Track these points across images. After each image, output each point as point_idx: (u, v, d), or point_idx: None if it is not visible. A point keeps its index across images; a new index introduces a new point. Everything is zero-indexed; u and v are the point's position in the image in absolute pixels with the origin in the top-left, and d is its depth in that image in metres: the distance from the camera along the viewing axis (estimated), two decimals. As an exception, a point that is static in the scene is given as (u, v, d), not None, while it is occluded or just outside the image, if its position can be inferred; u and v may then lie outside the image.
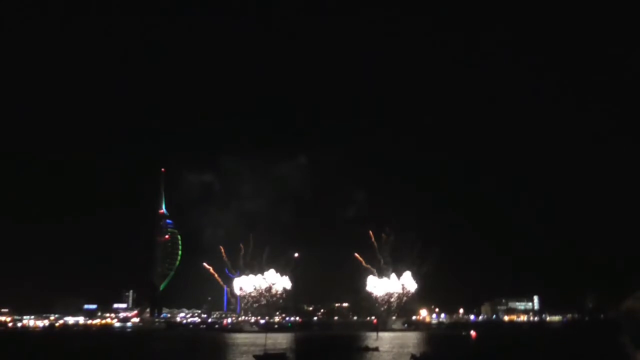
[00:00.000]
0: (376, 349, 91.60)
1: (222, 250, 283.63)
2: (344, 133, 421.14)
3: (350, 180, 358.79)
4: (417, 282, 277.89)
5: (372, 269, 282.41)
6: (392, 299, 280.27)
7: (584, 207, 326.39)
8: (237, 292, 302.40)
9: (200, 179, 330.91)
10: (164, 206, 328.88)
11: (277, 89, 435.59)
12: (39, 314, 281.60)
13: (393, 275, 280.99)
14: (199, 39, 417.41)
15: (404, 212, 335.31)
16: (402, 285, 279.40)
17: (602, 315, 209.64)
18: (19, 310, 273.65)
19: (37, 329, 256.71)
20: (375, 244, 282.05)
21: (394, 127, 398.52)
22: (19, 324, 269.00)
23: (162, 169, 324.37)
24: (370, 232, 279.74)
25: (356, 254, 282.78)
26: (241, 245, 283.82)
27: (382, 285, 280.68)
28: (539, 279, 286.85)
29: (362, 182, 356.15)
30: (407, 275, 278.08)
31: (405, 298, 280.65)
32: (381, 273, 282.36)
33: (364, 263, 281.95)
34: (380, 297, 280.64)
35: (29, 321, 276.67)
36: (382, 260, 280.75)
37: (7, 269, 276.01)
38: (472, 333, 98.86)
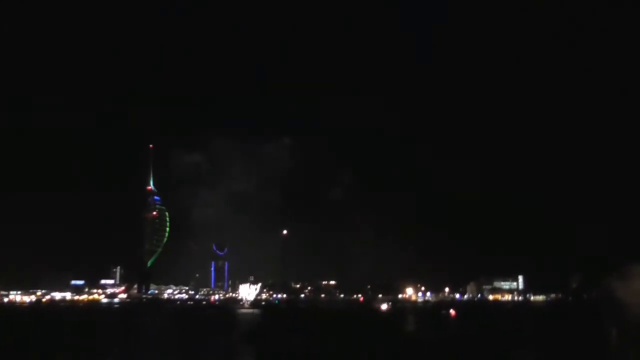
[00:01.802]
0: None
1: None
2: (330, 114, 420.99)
3: (336, 161, 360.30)
4: (402, 260, 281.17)
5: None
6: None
7: (574, 189, 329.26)
8: (226, 269, 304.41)
9: (189, 157, 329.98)
10: (151, 183, 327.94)
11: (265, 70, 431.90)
12: (26, 289, 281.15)
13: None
14: (188, 20, 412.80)
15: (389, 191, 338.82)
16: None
17: (585, 296, 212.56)
18: (5, 285, 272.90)
19: (24, 304, 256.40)
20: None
21: (381, 106, 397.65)
22: (5, 299, 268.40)
23: (150, 146, 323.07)
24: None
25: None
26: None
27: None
28: (524, 259, 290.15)
29: (347, 162, 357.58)
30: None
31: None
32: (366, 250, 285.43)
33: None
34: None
35: (16, 296, 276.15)
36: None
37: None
38: (452, 312, 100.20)
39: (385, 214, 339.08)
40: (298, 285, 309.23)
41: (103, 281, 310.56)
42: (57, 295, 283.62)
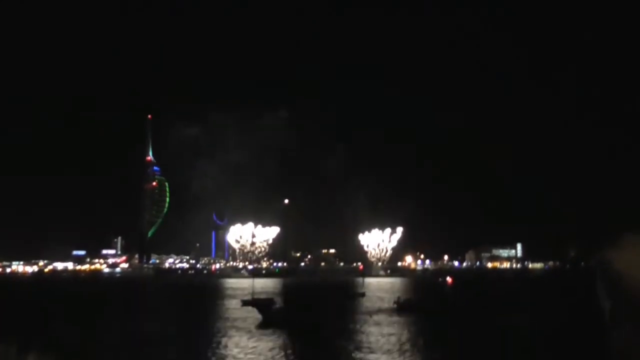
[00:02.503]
0: (362, 295, 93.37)
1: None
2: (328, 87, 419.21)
3: (335, 133, 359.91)
4: (401, 230, 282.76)
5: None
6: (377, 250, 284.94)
7: (574, 161, 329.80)
8: (227, 239, 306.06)
9: (188, 128, 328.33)
10: (151, 153, 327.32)
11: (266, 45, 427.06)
12: (28, 260, 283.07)
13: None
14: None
15: (389, 164, 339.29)
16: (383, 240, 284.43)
17: (582, 264, 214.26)
18: (8, 256, 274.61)
19: (26, 274, 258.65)
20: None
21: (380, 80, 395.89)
22: (8, 270, 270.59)
23: (149, 116, 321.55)
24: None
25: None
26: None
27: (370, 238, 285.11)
28: (523, 227, 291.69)
29: (346, 135, 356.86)
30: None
31: (389, 246, 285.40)
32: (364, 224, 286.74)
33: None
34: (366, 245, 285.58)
35: (18, 267, 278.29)
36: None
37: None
38: (448, 280, 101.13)
39: (385, 182, 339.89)
40: (298, 254, 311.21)
41: (104, 251, 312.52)
42: (59, 266, 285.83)
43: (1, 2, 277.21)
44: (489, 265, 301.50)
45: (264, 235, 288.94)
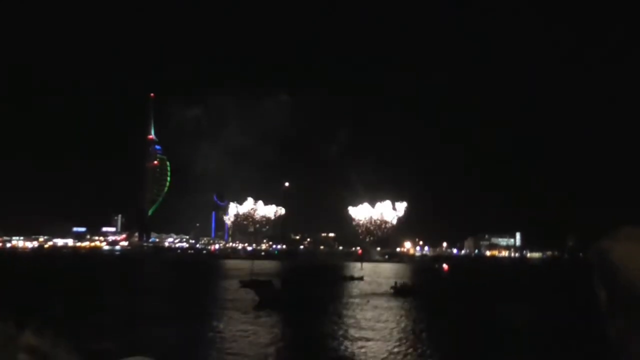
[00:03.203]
0: (361, 279, 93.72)
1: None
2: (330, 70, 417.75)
3: (335, 117, 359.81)
4: (403, 213, 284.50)
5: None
6: (373, 227, 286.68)
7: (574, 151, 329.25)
8: (226, 219, 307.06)
9: (190, 108, 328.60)
10: (152, 132, 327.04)
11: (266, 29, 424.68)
12: (28, 235, 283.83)
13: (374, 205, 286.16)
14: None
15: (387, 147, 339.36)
16: (381, 213, 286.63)
17: (581, 254, 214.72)
18: (8, 231, 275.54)
19: (26, 250, 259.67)
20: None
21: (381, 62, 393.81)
22: (8, 245, 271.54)
23: (151, 94, 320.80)
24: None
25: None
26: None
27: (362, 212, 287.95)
28: (522, 215, 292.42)
29: (345, 118, 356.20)
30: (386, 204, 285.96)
31: (386, 228, 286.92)
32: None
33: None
34: (362, 223, 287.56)
35: (18, 242, 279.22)
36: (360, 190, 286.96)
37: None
38: (445, 266, 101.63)
39: (385, 167, 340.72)
40: (297, 237, 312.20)
41: (104, 229, 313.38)
42: (59, 242, 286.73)
43: None
44: (488, 253, 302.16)
45: (265, 211, 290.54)
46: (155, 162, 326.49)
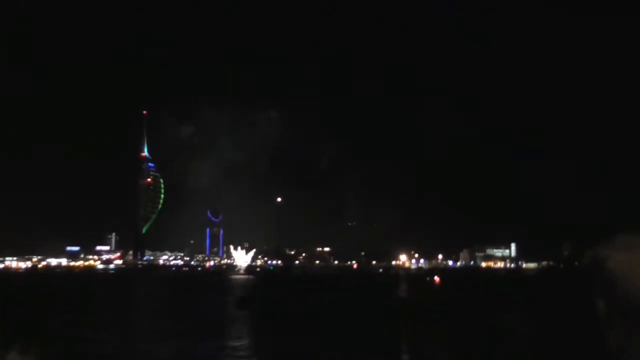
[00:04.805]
0: (357, 291, 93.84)
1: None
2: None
3: (329, 131, 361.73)
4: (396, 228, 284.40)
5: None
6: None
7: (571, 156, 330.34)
8: (221, 236, 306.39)
9: (183, 125, 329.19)
10: (146, 149, 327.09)
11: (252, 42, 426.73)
12: (21, 255, 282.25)
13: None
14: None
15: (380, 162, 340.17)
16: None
17: (576, 263, 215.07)
18: (1, 252, 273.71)
19: (20, 270, 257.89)
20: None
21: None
22: (1, 265, 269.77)
23: (144, 112, 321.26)
24: None
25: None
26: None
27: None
28: (517, 227, 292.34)
29: (340, 130, 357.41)
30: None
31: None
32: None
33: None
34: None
35: (12, 262, 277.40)
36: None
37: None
38: (436, 279, 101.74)
39: (379, 181, 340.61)
40: (292, 252, 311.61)
41: (98, 247, 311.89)
42: (53, 262, 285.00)
43: None
44: (483, 264, 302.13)
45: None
46: (149, 179, 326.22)
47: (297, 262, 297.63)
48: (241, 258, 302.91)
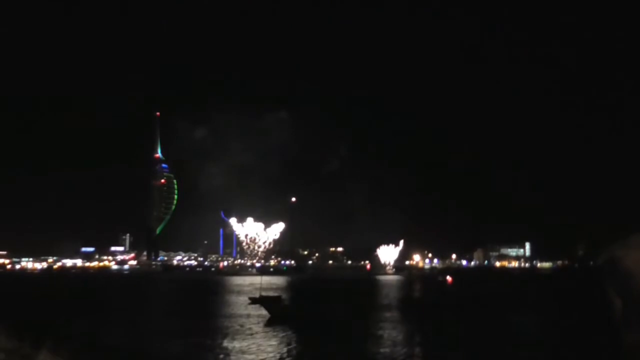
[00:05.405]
0: (373, 292, 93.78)
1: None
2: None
3: (343, 131, 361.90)
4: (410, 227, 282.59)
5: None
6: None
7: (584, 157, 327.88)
8: (234, 236, 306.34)
9: (195, 126, 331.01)
10: (159, 150, 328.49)
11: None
12: (37, 256, 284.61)
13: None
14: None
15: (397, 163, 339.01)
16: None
17: (591, 263, 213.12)
18: (17, 253, 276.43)
19: (36, 271, 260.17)
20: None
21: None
22: (17, 266, 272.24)
23: (157, 113, 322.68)
24: None
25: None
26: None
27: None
28: (531, 226, 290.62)
29: (354, 133, 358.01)
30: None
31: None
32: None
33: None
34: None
35: (27, 263, 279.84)
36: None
37: (6, 213, 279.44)
38: (448, 279, 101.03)
39: (393, 181, 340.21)
40: (305, 252, 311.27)
41: (113, 248, 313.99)
42: (68, 262, 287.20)
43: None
44: (497, 264, 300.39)
45: (270, 231, 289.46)
46: (163, 180, 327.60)
47: (310, 262, 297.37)
48: (254, 258, 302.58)
